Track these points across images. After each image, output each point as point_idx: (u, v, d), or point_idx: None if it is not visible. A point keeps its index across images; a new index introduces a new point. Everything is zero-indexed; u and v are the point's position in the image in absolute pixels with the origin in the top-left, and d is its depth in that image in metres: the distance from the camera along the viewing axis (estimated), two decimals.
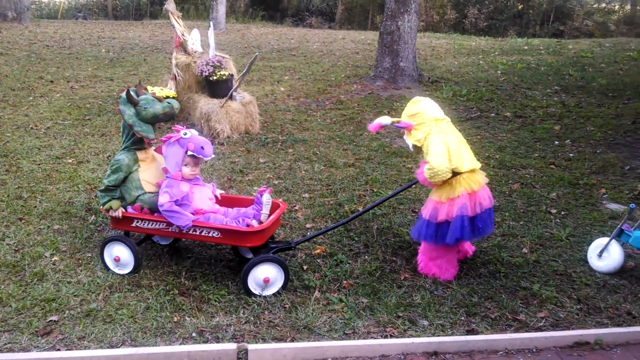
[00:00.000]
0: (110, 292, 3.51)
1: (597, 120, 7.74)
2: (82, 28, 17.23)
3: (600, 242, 3.90)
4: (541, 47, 14.69)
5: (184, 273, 3.74)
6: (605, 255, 3.83)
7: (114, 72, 10.66)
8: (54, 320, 3.19)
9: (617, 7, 25.70)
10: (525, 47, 14.80)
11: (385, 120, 3.75)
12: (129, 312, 3.28)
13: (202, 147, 3.52)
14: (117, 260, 3.68)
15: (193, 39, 7.61)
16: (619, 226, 3.86)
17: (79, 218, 4.53)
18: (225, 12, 18.92)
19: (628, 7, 25.43)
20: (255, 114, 7.09)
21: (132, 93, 3.65)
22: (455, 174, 3.51)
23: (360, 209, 4.81)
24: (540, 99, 9.08)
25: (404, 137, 3.75)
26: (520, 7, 23.09)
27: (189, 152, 3.51)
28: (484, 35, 19.99)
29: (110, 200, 3.62)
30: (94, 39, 14.89)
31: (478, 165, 3.65)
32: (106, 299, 3.43)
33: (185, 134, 3.54)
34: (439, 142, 3.50)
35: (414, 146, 3.67)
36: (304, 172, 5.71)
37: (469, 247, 3.98)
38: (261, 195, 3.63)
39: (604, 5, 25.30)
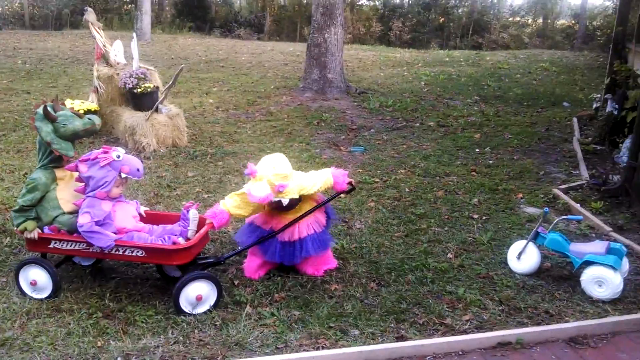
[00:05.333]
0: (28, 318, 3.31)
1: (513, 129, 8.17)
2: None
3: (518, 245, 4.10)
4: (461, 59, 15.37)
5: (108, 294, 3.59)
6: (523, 257, 4.03)
7: (31, 85, 10.14)
8: None
9: (530, 20, 27.35)
10: (447, 59, 15.44)
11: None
12: (49, 339, 3.11)
13: (138, 169, 3.48)
14: (33, 284, 3.48)
15: (115, 50, 7.38)
16: (535, 229, 4.07)
17: None
18: (151, 22, 18.46)
19: (540, 21, 27.15)
20: (183, 126, 6.96)
21: (49, 109, 3.48)
22: None
23: None
24: (462, 108, 9.48)
25: (273, 195, 3.67)
26: (441, 20, 24.06)
27: (123, 175, 3.41)
28: (408, 47, 20.68)
29: (25, 221, 3.43)
30: (9, 50, 14.11)
31: None
32: (23, 326, 3.24)
33: (118, 156, 3.43)
34: None
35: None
36: (234, 185, 5.64)
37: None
38: (187, 211, 3.55)
39: (518, 19, 26.82)
